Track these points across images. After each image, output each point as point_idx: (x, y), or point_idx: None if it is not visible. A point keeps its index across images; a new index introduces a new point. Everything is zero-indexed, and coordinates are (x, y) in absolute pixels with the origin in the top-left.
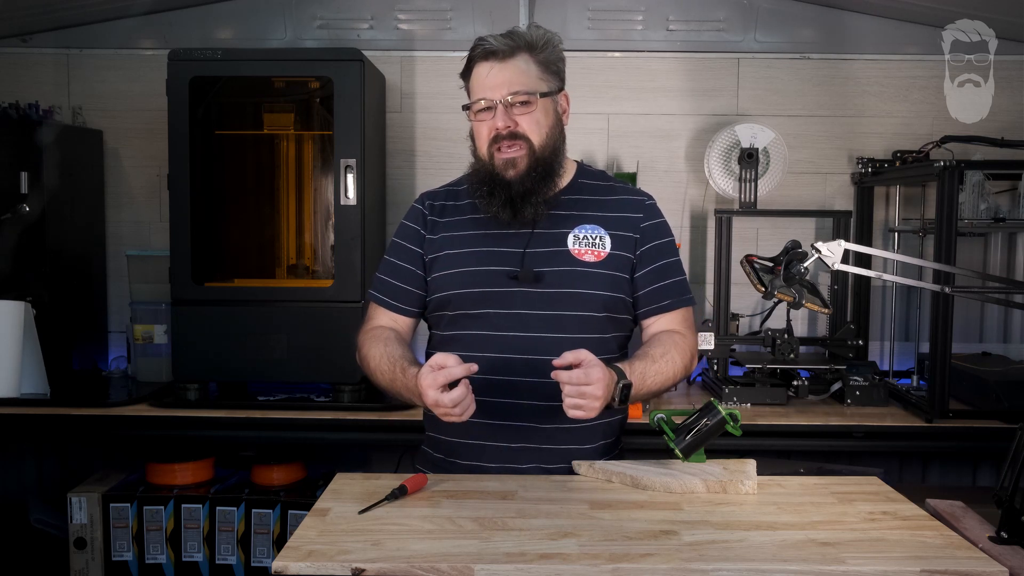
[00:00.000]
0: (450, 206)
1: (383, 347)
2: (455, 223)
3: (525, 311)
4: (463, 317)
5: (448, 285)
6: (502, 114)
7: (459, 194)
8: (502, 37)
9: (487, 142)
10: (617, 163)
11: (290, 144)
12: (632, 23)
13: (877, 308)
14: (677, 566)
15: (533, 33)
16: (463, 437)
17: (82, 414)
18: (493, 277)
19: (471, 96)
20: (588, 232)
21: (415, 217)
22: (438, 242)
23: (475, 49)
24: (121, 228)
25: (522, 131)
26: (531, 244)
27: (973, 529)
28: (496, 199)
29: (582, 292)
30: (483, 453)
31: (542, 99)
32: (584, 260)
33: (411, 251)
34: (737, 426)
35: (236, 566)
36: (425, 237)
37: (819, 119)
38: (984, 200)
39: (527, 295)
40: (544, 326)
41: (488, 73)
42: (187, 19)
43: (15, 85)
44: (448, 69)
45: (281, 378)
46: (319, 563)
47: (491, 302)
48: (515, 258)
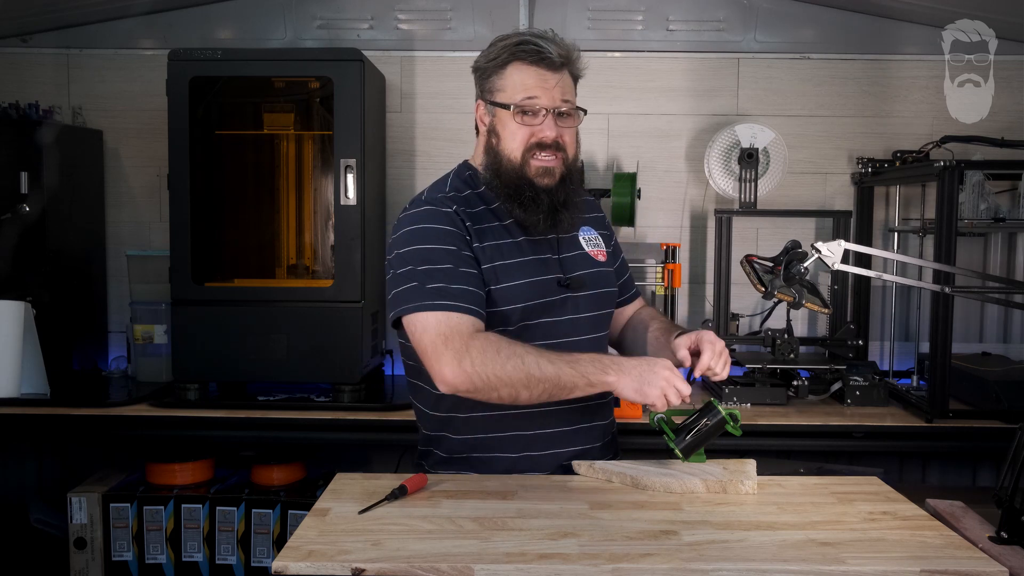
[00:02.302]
0: (472, 213)
1: (520, 346)
2: (487, 231)
3: (575, 316)
4: (522, 329)
5: (511, 298)
6: (552, 123)
7: (471, 200)
8: (555, 45)
9: (524, 146)
10: (617, 163)
11: (290, 144)
12: (632, 23)
13: (877, 308)
14: (677, 566)
15: (571, 45)
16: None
17: (82, 414)
18: (547, 286)
19: (507, 95)
20: (588, 234)
21: (452, 222)
22: (487, 252)
23: (524, 51)
24: (121, 228)
25: (564, 142)
26: (561, 250)
27: (973, 529)
28: (539, 207)
29: (606, 291)
30: (533, 443)
31: (580, 114)
32: (599, 260)
33: (466, 256)
34: (737, 426)
35: (236, 566)
36: (472, 244)
37: (819, 119)
38: (984, 200)
39: (573, 300)
40: (589, 327)
41: (542, 79)
42: (187, 19)
43: (15, 85)
44: (448, 69)
45: (281, 378)
46: (319, 563)
47: (549, 311)
48: (554, 265)
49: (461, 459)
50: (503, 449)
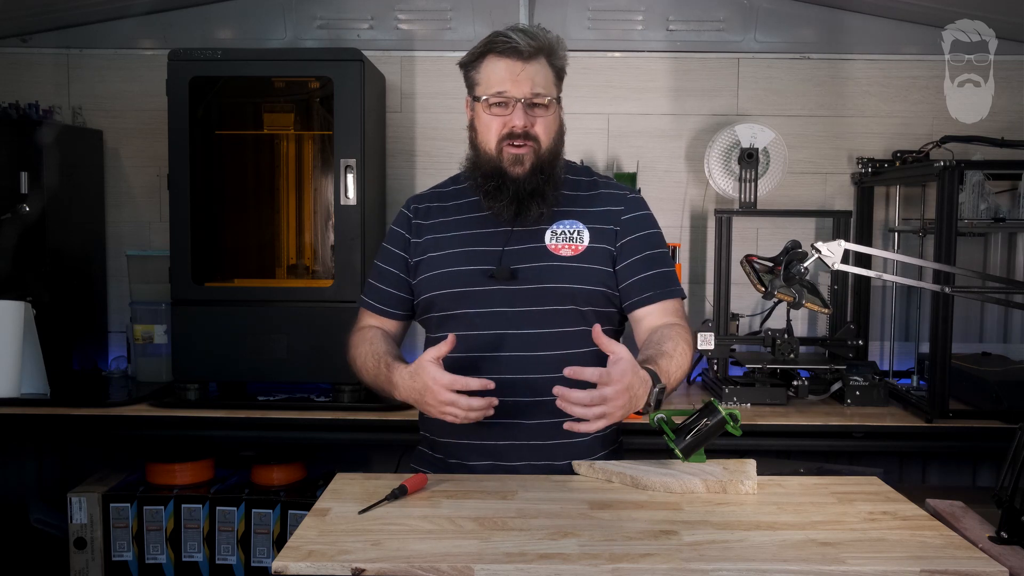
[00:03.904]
0: (435, 208)
1: (368, 345)
2: (438, 225)
3: (503, 309)
4: (446, 318)
5: (429, 287)
6: (521, 113)
7: (444, 196)
8: (525, 36)
9: (497, 137)
10: (617, 163)
11: (290, 144)
12: (632, 23)
13: (877, 308)
14: (677, 566)
15: (550, 37)
16: (452, 437)
17: (82, 414)
18: (471, 276)
19: (482, 88)
20: (566, 227)
21: (401, 222)
22: (422, 245)
23: (495, 43)
24: (121, 228)
25: (535, 132)
26: (510, 242)
27: (973, 529)
28: (504, 195)
29: (557, 287)
30: (471, 452)
31: (555, 104)
32: (560, 255)
33: (396, 255)
34: (737, 426)
35: (236, 566)
36: (410, 241)
37: (819, 119)
38: (984, 200)
39: (504, 293)
40: (523, 323)
41: (511, 70)
42: (187, 19)
43: (15, 85)
44: (448, 69)
45: (281, 378)
46: (319, 563)
47: (469, 302)
48: (494, 257)
49: (446, 462)
50: (469, 457)
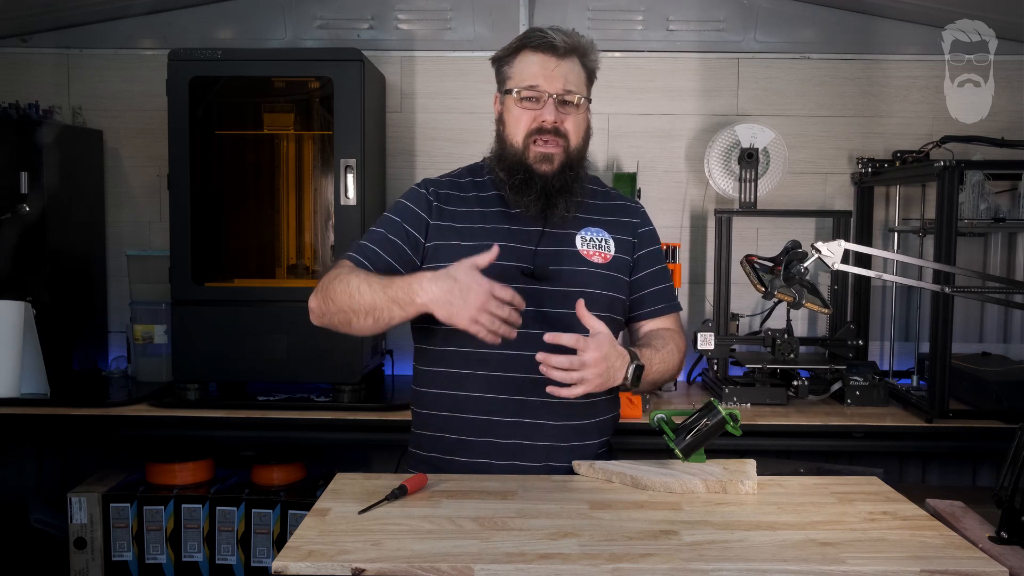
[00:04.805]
0: (454, 196)
1: (362, 275)
2: (458, 214)
3: (537, 308)
4: None
5: None
6: (552, 108)
7: (462, 186)
8: (561, 33)
9: (526, 131)
10: (617, 163)
11: (290, 144)
12: (632, 23)
13: (877, 308)
14: (677, 566)
15: (584, 39)
16: (467, 435)
17: (82, 414)
18: (506, 272)
19: (514, 81)
20: (594, 235)
21: (417, 200)
22: (445, 231)
23: (531, 38)
24: (121, 228)
25: (565, 129)
26: (542, 242)
27: (973, 529)
28: (531, 190)
29: (592, 292)
30: (490, 450)
31: (586, 104)
32: (593, 261)
33: (406, 231)
34: (737, 426)
35: (236, 566)
36: (429, 223)
37: (819, 119)
38: (984, 200)
39: (539, 292)
40: (555, 324)
41: (545, 65)
42: (187, 19)
43: (15, 85)
44: (448, 69)
45: (281, 378)
46: (319, 563)
47: None
48: (526, 255)
49: (446, 460)
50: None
